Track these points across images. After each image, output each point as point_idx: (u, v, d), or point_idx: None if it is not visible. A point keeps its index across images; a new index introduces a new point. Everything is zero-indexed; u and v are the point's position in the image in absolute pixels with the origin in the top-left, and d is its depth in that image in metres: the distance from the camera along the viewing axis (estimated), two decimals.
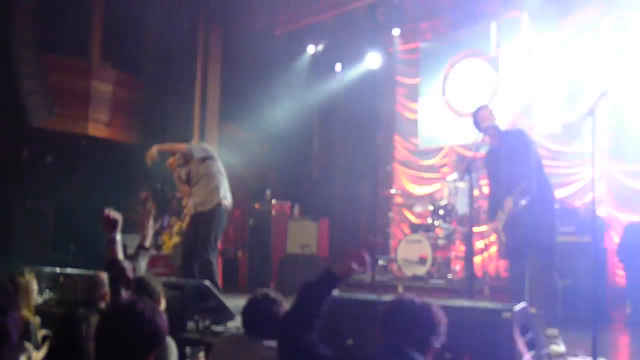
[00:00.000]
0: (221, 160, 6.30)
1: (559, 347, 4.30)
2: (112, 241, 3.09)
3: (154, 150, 5.85)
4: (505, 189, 4.68)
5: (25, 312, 3.99)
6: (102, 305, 3.62)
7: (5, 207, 9.17)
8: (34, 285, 4.24)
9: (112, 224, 3.11)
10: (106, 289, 3.72)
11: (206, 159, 6.09)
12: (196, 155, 6.02)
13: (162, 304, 3.35)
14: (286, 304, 2.90)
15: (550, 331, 4.37)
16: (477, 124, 4.99)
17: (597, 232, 4.01)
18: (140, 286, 3.27)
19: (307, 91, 11.33)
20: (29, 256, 8.27)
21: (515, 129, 4.96)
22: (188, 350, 3.34)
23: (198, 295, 5.12)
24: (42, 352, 3.88)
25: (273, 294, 3.03)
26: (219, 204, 5.98)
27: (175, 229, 7.66)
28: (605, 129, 7.96)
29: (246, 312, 3.00)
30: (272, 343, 2.74)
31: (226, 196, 6.08)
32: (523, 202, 4.42)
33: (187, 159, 6.14)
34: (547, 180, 4.87)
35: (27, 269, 4.60)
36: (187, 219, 6.94)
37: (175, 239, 7.59)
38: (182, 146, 6.04)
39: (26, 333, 3.87)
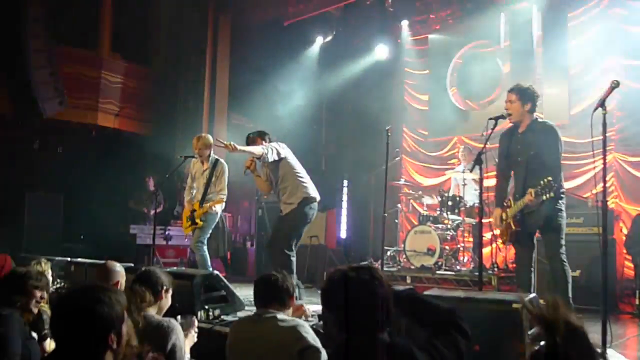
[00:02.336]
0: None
1: None
2: None
3: (235, 147, 5.74)
4: (529, 179, 4.69)
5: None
6: None
7: (17, 197, 9.25)
8: (49, 276, 4.28)
9: None
10: (118, 278, 3.77)
11: (279, 161, 6.12)
12: (270, 159, 6.02)
13: (169, 295, 3.42)
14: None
15: None
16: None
17: (606, 223, 3.99)
18: (144, 277, 3.36)
19: (316, 82, 11.32)
20: (40, 245, 8.35)
21: (548, 122, 4.94)
22: (179, 318, 3.39)
23: (208, 285, 5.17)
24: None
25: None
26: (299, 204, 6.05)
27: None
28: (614, 121, 7.94)
29: (258, 285, 3.26)
30: (283, 315, 3.09)
31: (306, 195, 6.13)
32: (545, 197, 4.42)
33: (262, 162, 6.16)
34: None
35: (44, 258, 4.66)
36: (184, 224, 7.01)
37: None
38: (257, 150, 5.95)
39: (40, 322, 3.91)
